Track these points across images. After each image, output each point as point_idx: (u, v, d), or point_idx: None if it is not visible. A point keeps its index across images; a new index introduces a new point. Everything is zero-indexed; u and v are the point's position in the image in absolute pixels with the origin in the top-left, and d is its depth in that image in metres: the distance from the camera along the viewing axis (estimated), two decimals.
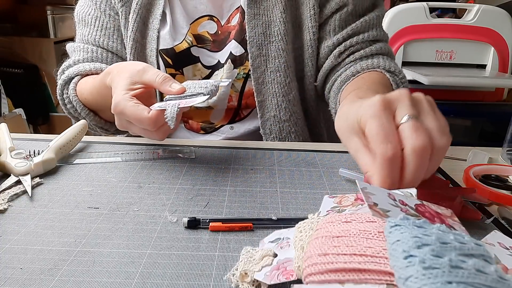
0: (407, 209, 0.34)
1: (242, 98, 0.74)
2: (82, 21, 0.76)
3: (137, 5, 0.71)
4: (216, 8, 0.72)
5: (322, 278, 0.27)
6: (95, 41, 0.74)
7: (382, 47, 0.71)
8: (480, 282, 0.21)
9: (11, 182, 0.49)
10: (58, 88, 0.73)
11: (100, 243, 0.38)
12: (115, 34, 0.74)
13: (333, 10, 0.69)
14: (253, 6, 0.69)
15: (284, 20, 0.68)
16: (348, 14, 0.70)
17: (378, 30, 0.72)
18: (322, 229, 0.31)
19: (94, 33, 0.74)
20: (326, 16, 0.70)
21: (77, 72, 0.71)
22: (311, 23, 0.69)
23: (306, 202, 0.47)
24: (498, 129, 1.61)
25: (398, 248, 0.24)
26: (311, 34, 0.70)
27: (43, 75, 2.29)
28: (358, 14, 0.71)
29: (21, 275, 0.34)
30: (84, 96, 0.69)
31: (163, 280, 0.34)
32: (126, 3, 0.71)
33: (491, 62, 1.54)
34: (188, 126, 0.78)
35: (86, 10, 0.75)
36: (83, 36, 0.75)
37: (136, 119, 0.51)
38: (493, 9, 1.53)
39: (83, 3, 0.76)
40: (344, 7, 0.69)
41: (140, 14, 0.71)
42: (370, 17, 0.71)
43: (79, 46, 0.75)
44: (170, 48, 0.71)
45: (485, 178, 0.54)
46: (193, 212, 0.45)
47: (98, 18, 0.74)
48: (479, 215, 0.43)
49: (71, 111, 0.72)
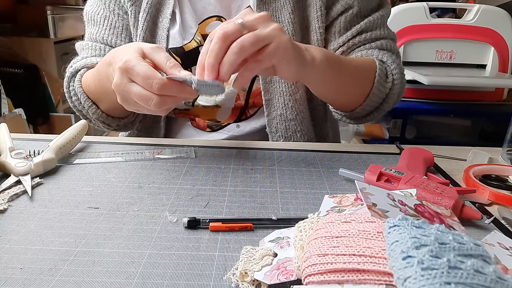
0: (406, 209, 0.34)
1: (250, 97, 0.75)
2: (91, 20, 0.76)
3: (147, 4, 0.71)
4: (225, 9, 0.73)
5: (321, 278, 0.27)
6: (103, 40, 0.75)
7: (383, 44, 0.72)
8: (478, 282, 0.21)
9: (11, 182, 0.49)
10: (65, 81, 0.73)
11: (100, 243, 0.38)
12: (124, 33, 0.75)
13: (338, 12, 0.70)
14: (262, 7, 0.70)
15: (293, 21, 0.69)
16: (353, 16, 0.71)
17: (382, 30, 0.73)
18: (321, 229, 0.31)
19: (102, 32, 0.75)
20: (332, 18, 0.71)
21: (84, 65, 0.71)
22: (317, 24, 0.70)
23: (306, 202, 0.47)
24: (498, 129, 1.61)
25: (396, 248, 0.24)
26: (318, 35, 0.71)
27: (43, 75, 2.29)
28: (363, 15, 0.72)
29: (21, 275, 0.34)
30: (87, 84, 0.69)
31: (163, 280, 0.34)
32: (136, 2, 0.72)
33: (491, 62, 1.54)
34: (194, 124, 0.79)
35: (95, 9, 0.76)
36: (91, 34, 0.76)
37: (146, 75, 0.48)
38: (493, 9, 1.53)
39: (92, 2, 0.77)
40: (350, 9, 0.70)
41: (150, 13, 0.72)
42: (375, 17, 0.71)
43: (87, 44, 0.76)
44: (180, 47, 0.72)
45: (485, 178, 0.54)
46: (193, 212, 0.45)
47: (107, 18, 0.75)
48: (479, 215, 0.43)
49: (75, 104, 0.73)
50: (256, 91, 0.74)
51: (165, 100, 0.49)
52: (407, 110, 1.52)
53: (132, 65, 0.49)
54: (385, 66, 0.69)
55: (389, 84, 0.68)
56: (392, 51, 0.73)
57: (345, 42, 0.71)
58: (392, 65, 0.69)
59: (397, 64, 0.70)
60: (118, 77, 0.51)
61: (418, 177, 0.48)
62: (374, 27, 0.72)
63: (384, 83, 0.68)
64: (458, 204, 0.43)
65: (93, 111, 0.70)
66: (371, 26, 0.71)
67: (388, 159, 0.62)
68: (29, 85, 2.23)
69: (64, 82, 0.74)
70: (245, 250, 0.36)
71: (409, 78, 1.50)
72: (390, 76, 0.69)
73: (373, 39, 0.72)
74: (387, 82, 0.68)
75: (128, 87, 0.50)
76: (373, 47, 0.71)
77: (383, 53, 0.70)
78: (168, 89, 0.48)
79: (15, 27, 2.25)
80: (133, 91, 0.50)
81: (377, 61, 0.68)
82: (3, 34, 2.22)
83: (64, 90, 0.74)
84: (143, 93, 0.49)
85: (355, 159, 0.61)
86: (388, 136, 1.56)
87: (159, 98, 0.49)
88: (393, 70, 0.68)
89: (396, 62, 0.70)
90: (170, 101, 0.50)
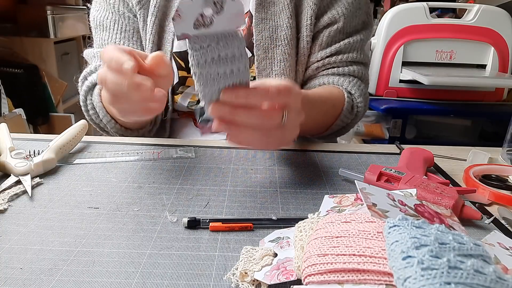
0: (406, 209, 0.34)
1: None
2: (100, 25, 0.75)
3: (155, 8, 0.71)
4: None
5: (321, 278, 0.27)
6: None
7: (356, 70, 0.74)
8: (478, 282, 0.21)
9: (11, 182, 0.49)
10: (82, 95, 0.72)
11: (100, 243, 0.38)
12: (135, 36, 0.74)
13: (324, 25, 0.72)
14: (261, 10, 0.71)
15: (291, 26, 0.70)
16: (337, 32, 0.72)
17: (358, 53, 0.75)
18: (321, 229, 0.31)
19: (114, 37, 0.73)
20: (318, 29, 0.72)
21: None
22: (306, 32, 0.71)
23: (306, 202, 0.47)
24: (498, 129, 1.61)
25: (396, 248, 0.24)
26: (305, 43, 0.72)
27: (43, 75, 2.28)
28: (346, 32, 0.74)
29: (21, 275, 0.34)
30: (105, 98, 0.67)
31: (163, 280, 0.34)
32: (144, 5, 0.72)
33: (491, 62, 1.54)
34: (196, 124, 0.79)
35: (103, 14, 0.74)
36: (103, 40, 0.74)
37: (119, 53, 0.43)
38: (493, 9, 1.53)
39: (99, 7, 0.75)
40: (335, 24, 0.72)
41: (158, 17, 0.71)
42: (355, 40, 0.73)
43: (99, 52, 0.74)
44: (184, 51, 0.72)
45: (485, 178, 0.54)
46: (193, 212, 0.45)
47: (117, 22, 0.74)
48: (479, 215, 0.43)
49: (93, 118, 0.72)
50: None
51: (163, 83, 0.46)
52: (407, 110, 1.52)
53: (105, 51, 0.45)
54: (352, 98, 0.72)
55: (352, 116, 0.73)
56: (362, 79, 0.76)
57: (322, 58, 0.73)
58: (359, 98, 0.72)
59: (364, 95, 0.73)
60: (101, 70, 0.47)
61: (418, 177, 0.48)
62: (352, 50, 0.74)
63: (348, 115, 0.72)
64: (458, 204, 0.43)
65: (112, 126, 0.69)
66: (349, 48, 0.74)
67: (388, 159, 0.62)
68: (29, 85, 2.23)
69: (81, 96, 0.73)
70: (245, 250, 0.36)
71: (409, 78, 1.50)
72: (355, 108, 0.73)
73: (348, 62, 0.74)
74: (351, 113, 0.72)
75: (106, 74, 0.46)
76: (346, 72, 0.73)
77: (353, 83, 0.73)
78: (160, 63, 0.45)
79: (15, 27, 2.24)
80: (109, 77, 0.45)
81: (345, 93, 0.71)
82: (3, 34, 2.22)
83: (81, 104, 0.73)
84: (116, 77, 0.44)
85: (355, 159, 0.61)
86: (388, 136, 1.55)
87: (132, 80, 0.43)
88: (359, 103, 0.72)
89: (363, 93, 0.73)
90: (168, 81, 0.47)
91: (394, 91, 1.57)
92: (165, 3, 0.72)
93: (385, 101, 1.54)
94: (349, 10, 0.71)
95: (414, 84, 1.51)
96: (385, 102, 1.53)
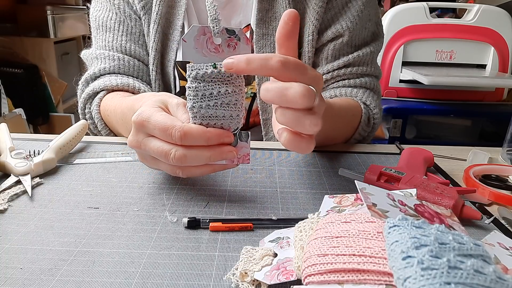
0: (406, 209, 0.34)
1: (250, 117, 0.76)
2: (102, 26, 0.71)
3: (157, 15, 0.69)
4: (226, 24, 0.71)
5: (321, 279, 0.27)
6: (121, 47, 0.70)
7: (368, 81, 0.72)
8: (478, 282, 0.21)
9: (11, 182, 0.49)
10: (80, 102, 0.70)
11: (100, 243, 0.38)
12: (141, 40, 0.71)
13: (328, 39, 0.70)
14: (262, 26, 0.69)
15: None
16: (343, 45, 0.70)
17: (369, 66, 0.72)
18: (321, 229, 0.31)
19: (119, 38, 0.70)
20: (322, 43, 0.71)
21: (103, 87, 0.67)
22: (307, 48, 0.70)
23: (306, 202, 0.47)
24: (498, 129, 1.61)
25: (396, 248, 0.24)
26: (307, 58, 0.70)
27: (43, 75, 2.28)
28: (355, 45, 0.71)
29: (21, 275, 0.34)
30: (107, 113, 0.66)
31: (163, 280, 0.34)
32: (148, 10, 0.70)
33: (491, 62, 1.55)
34: None
35: (106, 14, 0.71)
36: (106, 42, 0.71)
37: (164, 124, 0.41)
38: (493, 9, 1.53)
39: (101, 7, 0.72)
40: (340, 38, 0.70)
41: (161, 25, 0.69)
42: (364, 53, 0.71)
43: (103, 54, 0.70)
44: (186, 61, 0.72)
45: (485, 178, 0.54)
46: (193, 212, 0.45)
47: (122, 23, 0.71)
48: (479, 215, 0.43)
49: (90, 127, 0.70)
50: (256, 110, 0.74)
51: (190, 153, 0.41)
52: (407, 110, 1.52)
53: (147, 116, 0.42)
54: (368, 110, 0.70)
55: (369, 128, 0.71)
56: (374, 90, 0.73)
57: (330, 71, 0.71)
58: (375, 109, 0.70)
59: (379, 106, 0.72)
60: (133, 132, 0.44)
61: (418, 177, 0.48)
62: (362, 63, 0.72)
63: (365, 127, 0.70)
64: (458, 204, 0.43)
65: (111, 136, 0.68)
66: (359, 61, 0.71)
67: (388, 159, 0.62)
68: (29, 85, 2.23)
69: (79, 103, 0.70)
70: (245, 250, 0.36)
71: (409, 78, 1.50)
72: (372, 120, 0.71)
73: (359, 74, 0.72)
74: (368, 126, 0.71)
75: (145, 143, 0.43)
76: (358, 84, 0.71)
77: (367, 94, 0.70)
78: (193, 136, 0.41)
79: (15, 27, 2.25)
80: (151, 146, 0.42)
81: (362, 104, 0.69)
82: (3, 34, 2.22)
83: (79, 111, 0.71)
84: (162, 146, 0.41)
85: (355, 159, 0.61)
86: (388, 136, 1.56)
87: (181, 149, 0.41)
88: (375, 114, 0.70)
89: (377, 104, 0.72)
90: (196, 154, 0.41)
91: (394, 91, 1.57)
92: (167, 9, 0.70)
93: (385, 101, 1.54)
94: (354, 23, 0.69)
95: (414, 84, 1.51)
96: (385, 102, 1.53)
